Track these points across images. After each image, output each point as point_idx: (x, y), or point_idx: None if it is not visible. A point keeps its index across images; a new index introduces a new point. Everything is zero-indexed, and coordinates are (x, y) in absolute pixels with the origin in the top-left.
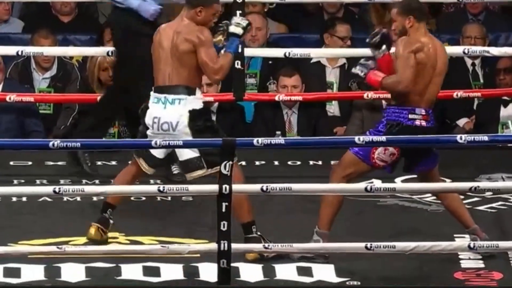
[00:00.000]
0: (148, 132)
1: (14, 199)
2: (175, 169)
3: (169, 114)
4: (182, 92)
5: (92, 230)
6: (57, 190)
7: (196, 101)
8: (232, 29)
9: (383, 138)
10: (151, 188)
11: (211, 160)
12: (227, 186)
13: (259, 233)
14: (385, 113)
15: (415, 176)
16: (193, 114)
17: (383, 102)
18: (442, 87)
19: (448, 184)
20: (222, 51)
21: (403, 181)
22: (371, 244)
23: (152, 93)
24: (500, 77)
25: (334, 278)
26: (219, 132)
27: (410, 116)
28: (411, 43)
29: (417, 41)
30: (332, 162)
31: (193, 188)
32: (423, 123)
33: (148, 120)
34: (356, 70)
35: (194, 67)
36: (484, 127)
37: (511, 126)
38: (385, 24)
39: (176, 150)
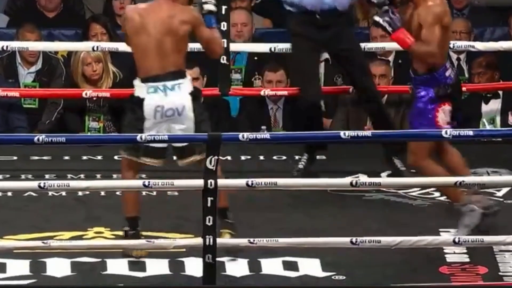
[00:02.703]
0: (148, 123)
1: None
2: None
3: (172, 100)
4: (179, 76)
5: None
6: (42, 185)
7: (189, 83)
8: (210, 7)
9: (368, 133)
10: (137, 183)
11: (203, 148)
12: (212, 181)
13: (231, 221)
14: (420, 82)
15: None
16: (194, 95)
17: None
18: None
19: (433, 178)
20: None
21: (388, 175)
22: (356, 239)
23: (141, 83)
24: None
25: (319, 273)
26: (206, 114)
27: (447, 73)
28: (437, 11)
29: (439, 6)
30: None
31: (178, 183)
32: (453, 71)
33: (148, 111)
34: (384, 22)
35: (185, 49)
36: (468, 122)
37: (487, 125)
38: (370, 19)
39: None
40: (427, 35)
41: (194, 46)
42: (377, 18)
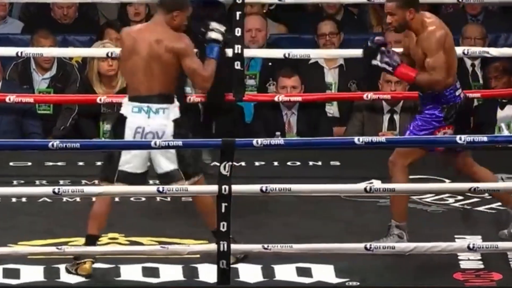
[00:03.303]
0: None
1: (13, 199)
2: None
3: (154, 124)
4: (165, 101)
5: (88, 267)
6: (56, 190)
7: (176, 109)
8: (214, 35)
9: (382, 139)
10: (151, 188)
11: (189, 172)
12: (227, 187)
13: (230, 236)
14: (431, 99)
15: (416, 176)
16: (177, 123)
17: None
18: None
19: (447, 184)
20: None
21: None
22: (370, 245)
23: (128, 101)
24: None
25: (333, 279)
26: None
27: (457, 93)
28: (439, 37)
29: (440, 30)
30: (391, 157)
31: (192, 188)
32: (462, 94)
33: (129, 130)
34: (382, 65)
35: (174, 75)
36: (482, 128)
37: (505, 129)
38: (384, 25)
39: (155, 162)
40: (432, 63)
41: None
42: (375, 62)
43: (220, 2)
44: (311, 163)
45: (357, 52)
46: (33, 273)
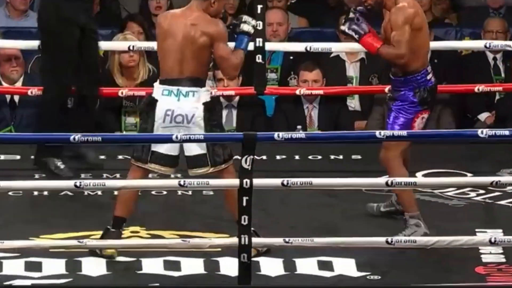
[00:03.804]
0: (157, 125)
1: (35, 193)
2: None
3: (183, 106)
4: (196, 84)
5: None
6: (78, 184)
7: (207, 94)
8: (246, 27)
9: (404, 132)
10: (172, 182)
11: (217, 160)
12: (248, 181)
13: (252, 229)
14: (402, 84)
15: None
16: (208, 106)
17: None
18: (463, 81)
19: (469, 178)
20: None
21: (424, 175)
22: (392, 239)
23: (158, 85)
24: None
25: (354, 273)
26: (223, 128)
27: (428, 77)
28: (406, 12)
29: (409, 8)
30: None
31: (214, 182)
32: (433, 78)
33: (159, 112)
34: (349, 31)
35: (207, 60)
36: (504, 121)
37: None
38: None
39: (185, 145)
40: (396, 36)
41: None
42: (343, 28)
43: None
44: (332, 157)
45: None
46: (55, 266)
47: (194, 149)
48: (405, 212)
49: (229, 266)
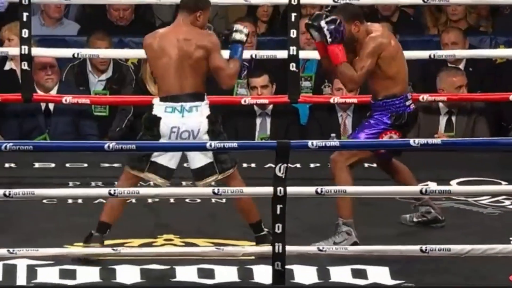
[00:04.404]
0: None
1: (70, 201)
2: None
3: (188, 122)
4: (197, 99)
5: None
6: (112, 192)
7: (207, 107)
8: (238, 36)
9: (438, 141)
10: (206, 190)
11: (224, 167)
12: (282, 189)
13: (267, 229)
14: (378, 107)
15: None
16: (211, 119)
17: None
18: (498, 90)
19: (503, 186)
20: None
21: (458, 183)
22: (426, 247)
23: (159, 102)
24: None
25: (388, 281)
26: (225, 135)
27: (407, 103)
28: (377, 43)
29: (382, 38)
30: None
31: (247, 190)
32: (413, 105)
33: (164, 130)
34: (326, 30)
35: (204, 73)
36: None
37: None
38: (440, 26)
39: (189, 158)
40: (358, 63)
41: (264, 53)
42: (322, 24)
43: None
44: (366, 165)
45: (413, 54)
46: (89, 273)
47: (199, 161)
48: (339, 217)
49: (263, 274)
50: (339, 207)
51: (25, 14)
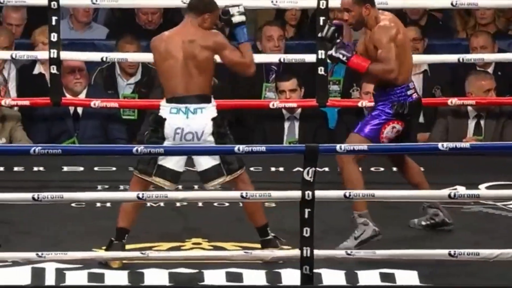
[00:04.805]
0: (167, 144)
1: (98, 204)
2: None
3: (193, 124)
4: (203, 100)
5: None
6: (140, 196)
7: (214, 108)
8: (238, 18)
9: (467, 144)
10: (234, 194)
11: (231, 168)
12: (310, 192)
13: (273, 234)
14: (381, 97)
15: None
16: (216, 121)
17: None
18: None
19: None
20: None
21: (487, 187)
22: (454, 251)
23: (165, 103)
24: None
25: (417, 284)
26: (231, 137)
27: (408, 92)
28: (389, 31)
29: (392, 26)
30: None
31: (275, 194)
32: (415, 95)
33: (169, 131)
34: (337, 54)
35: (210, 74)
36: None
37: None
38: (469, 30)
39: (196, 161)
40: (383, 53)
41: (292, 57)
42: (330, 52)
43: None
44: (394, 168)
45: (442, 58)
46: (117, 277)
47: (206, 163)
48: (354, 211)
49: (291, 278)
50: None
51: (54, 18)
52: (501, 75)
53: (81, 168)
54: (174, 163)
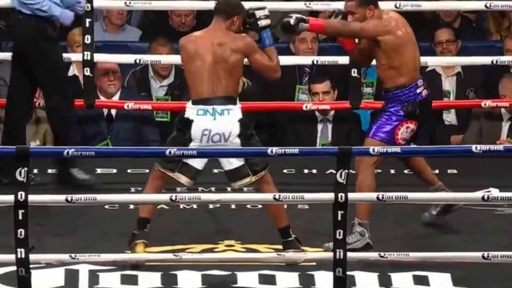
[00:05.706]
0: (193, 145)
1: (131, 206)
2: None
3: (220, 125)
4: (230, 102)
5: (141, 248)
6: (173, 198)
7: (240, 110)
8: (264, 22)
9: (500, 147)
10: (267, 196)
11: (256, 169)
12: (343, 195)
13: (294, 235)
14: (390, 99)
15: None
16: (243, 123)
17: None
18: None
19: None
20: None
21: None
22: (488, 254)
23: (192, 105)
24: None
25: (451, 287)
26: (257, 138)
27: (417, 91)
28: (380, 22)
29: (387, 21)
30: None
31: (308, 196)
32: (426, 91)
33: (196, 133)
34: (292, 20)
35: (238, 77)
36: None
37: None
38: (503, 32)
39: (222, 160)
40: (354, 21)
41: (325, 59)
42: (292, 21)
43: None
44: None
45: (476, 60)
46: (150, 279)
47: (231, 162)
48: (355, 217)
49: (324, 280)
50: (357, 207)
51: (87, 20)
52: None
53: (114, 170)
54: (199, 162)
